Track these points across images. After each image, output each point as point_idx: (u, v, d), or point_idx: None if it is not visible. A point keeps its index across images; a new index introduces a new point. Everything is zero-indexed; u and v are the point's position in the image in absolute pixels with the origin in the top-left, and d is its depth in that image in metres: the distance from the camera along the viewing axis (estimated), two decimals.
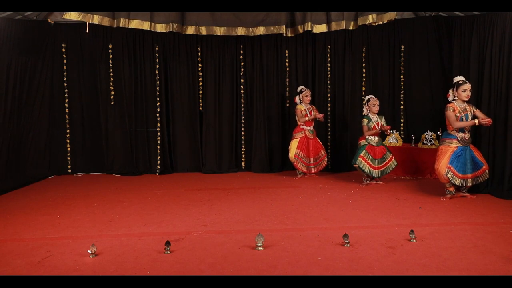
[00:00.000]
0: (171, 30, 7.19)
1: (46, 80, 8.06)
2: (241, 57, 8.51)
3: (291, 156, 7.66)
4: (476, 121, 5.80)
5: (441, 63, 8.00)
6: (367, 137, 7.06)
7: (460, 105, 5.93)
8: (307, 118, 7.64)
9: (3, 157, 7.05)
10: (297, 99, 7.75)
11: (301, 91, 7.73)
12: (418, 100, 8.31)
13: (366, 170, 6.97)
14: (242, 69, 8.53)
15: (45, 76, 8.05)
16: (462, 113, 5.89)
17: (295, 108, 7.75)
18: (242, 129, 8.62)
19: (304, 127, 7.70)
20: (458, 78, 5.99)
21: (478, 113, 5.93)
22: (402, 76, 8.42)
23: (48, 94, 8.16)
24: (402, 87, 8.43)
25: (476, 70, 6.70)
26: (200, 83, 8.51)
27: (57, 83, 8.24)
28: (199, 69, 8.49)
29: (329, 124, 8.53)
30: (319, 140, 7.89)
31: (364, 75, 8.48)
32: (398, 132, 8.17)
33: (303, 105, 7.68)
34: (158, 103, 8.41)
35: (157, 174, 8.37)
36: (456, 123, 5.87)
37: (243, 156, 8.66)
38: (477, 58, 6.70)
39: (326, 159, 7.87)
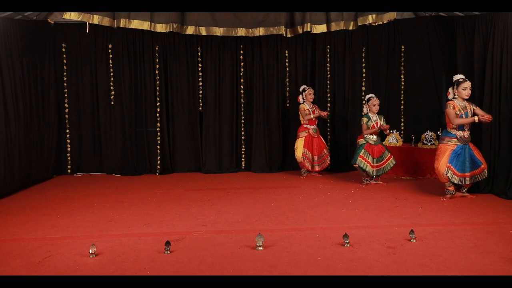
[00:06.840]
0: (171, 30, 7.18)
1: (50, 80, 8.06)
2: (241, 57, 8.50)
3: (298, 155, 7.65)
4: (476, 118, 5.80)
5: (441, 63, 7.99)
6: (365, 135, 7.06)
7: (460, 103, 5.93)
8: (311, 116, 7.64)
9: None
10: (300, 98, 7.77)
11: (304, 90, 7.75)
12: (418, 100, 8.29)
13: (366, 169, 6.97)
14: (242, 69, 8.52)
15: (48, 76, 8.04)
16: (462, 111, 5.89)
17: (299, 107, 7.76)
18: (242, 129, 8.61)
19: (308, 126, 7.71)
20: (458, 76, 5.99)
21: (478, 110, 5.93)
22: (402, 76, 8.41)
23: (54, 94, 8.15)
24: (402, 87, 8.43)
25: (480, 70, 6.67)
26: (200, 83, 8.50)
27: (57, 83, 8.23)
28: (199, 69, 8.48)
29: (328, 124, 8.52)
30: (322, 139, 7.91)
31: (364, 75, 8.47)
32: (398, 132, 8.16)
33: (306, 104, 7.70)
34: (158, 103, 8.40)
35: (157, 174, 8.36)
36: (456, 120, 5.87)
37: (243, 156, 8.65)
38: (481, 57, 6.68)
39: (329, 158, 7.87)
